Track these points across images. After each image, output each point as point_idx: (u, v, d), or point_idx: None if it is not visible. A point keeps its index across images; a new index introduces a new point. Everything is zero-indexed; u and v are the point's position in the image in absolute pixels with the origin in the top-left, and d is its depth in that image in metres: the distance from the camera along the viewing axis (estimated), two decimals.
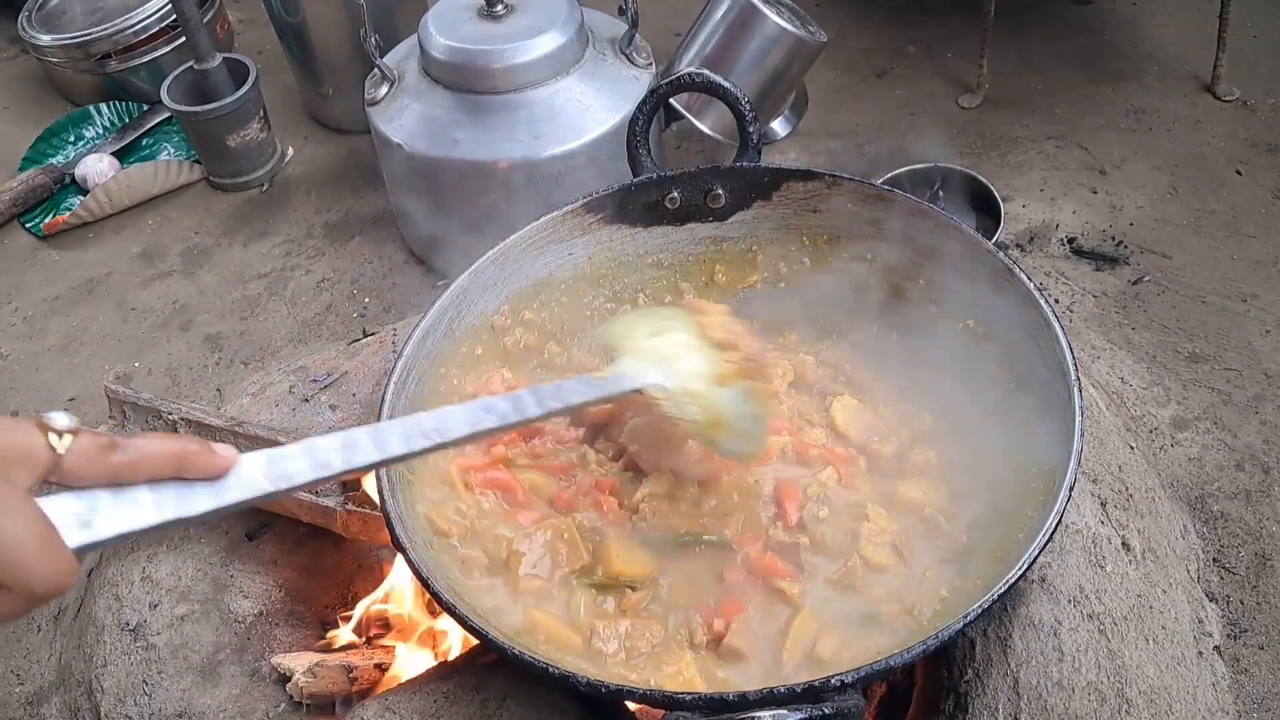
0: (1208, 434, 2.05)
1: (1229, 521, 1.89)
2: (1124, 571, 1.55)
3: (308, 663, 1.62)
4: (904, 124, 2.90)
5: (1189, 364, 2.20)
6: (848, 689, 1.11)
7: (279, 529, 1.82)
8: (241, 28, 3.66)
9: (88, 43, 3.18)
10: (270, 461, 0.91)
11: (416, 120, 2.34)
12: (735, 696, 1.10)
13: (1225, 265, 2.43)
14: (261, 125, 2.95)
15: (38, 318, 2.73)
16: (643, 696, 1.15)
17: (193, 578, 1.75)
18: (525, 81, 2.28)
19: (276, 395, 1.99)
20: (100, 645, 1.72)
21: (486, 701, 1.36)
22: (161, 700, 1.63)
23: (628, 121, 1.73)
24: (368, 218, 2.87)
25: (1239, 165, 2.70)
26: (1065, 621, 1.46)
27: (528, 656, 1.18)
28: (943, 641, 1.14)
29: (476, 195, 2.30)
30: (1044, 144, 2.85)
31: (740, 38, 2.53)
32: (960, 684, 1.46)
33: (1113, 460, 1.74)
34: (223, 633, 1.70)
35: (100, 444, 0.81)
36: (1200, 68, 2.97)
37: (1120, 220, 2.58)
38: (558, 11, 2.32)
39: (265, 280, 2.74)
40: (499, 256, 1.69)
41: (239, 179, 3.01)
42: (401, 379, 1.50)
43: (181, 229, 2.94)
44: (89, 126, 3.24)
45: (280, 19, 2.94)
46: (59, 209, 3.00)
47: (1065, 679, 1.41)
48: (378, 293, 2.65)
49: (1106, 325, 2.31)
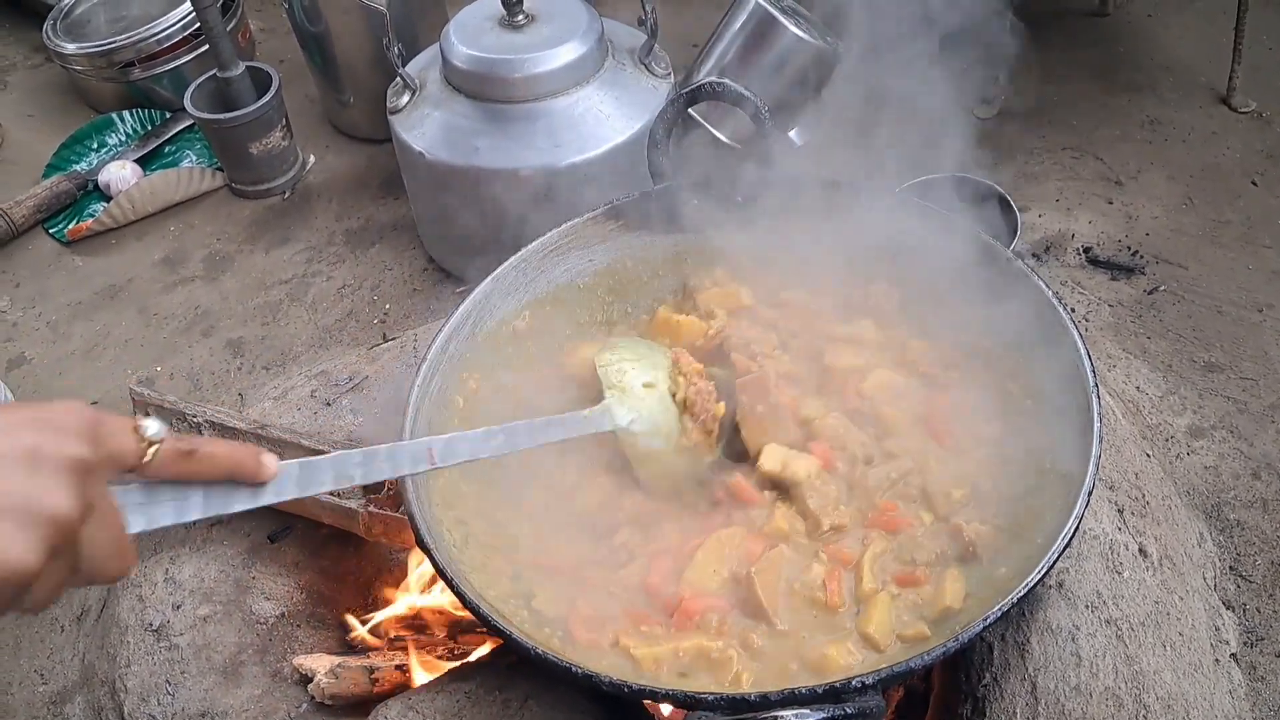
0: (1224, 442, 2.05)
1: (1245, 530, 1.90)
2: (1141, 578, 1.56)
3: (329, 664, 1.63)
4: (920, 134, 2.91)
5: (1205, 373, 2.21)
6: (868, 690, 1.12)
7: (301, 531, 1.83)
8: (263, 36, 3.69)
9: (111, 51, 3.21)
10: (302, 469, 1.03)
11: (438, 129, 2.36)
12: (757, 696, 1.11)
13: (1241, 275, 2.44)
14: (284, 133, 2.98)
15: (61, 322, 2.75)
16: (665, 696, 1.17)
17: (215, 579, 1.77)
18: (546, 91, 2.30)
19: (298, 399, 2.01)
20: (124, 645, 1.74)
21: (509, 702, 1.37)
22: (184, 700, 1.64)
23: (647, 130, 1.75)
24: (388, 225, 2.89)
25: (1255, 176, 2.71)
26: (1083, 626, 1.46)
27: (551, 657, 1.20)
28: (962, 644, 1.15)
29: (496, 202, 2.32)
30: (1060, 154, 2.86)
31: (758, 48, 2.55)
32: (978, 688, 1.47)
33: (1129, 467, 1.75)
34: (245, 634, 1.72)
35: (180, 450, 0.91)
36: (1216, 79, 2.98)
37: (1136, 230, 2.59)
38: (578, 22, 2.34)
39: (286, 286, 2.76)
40: (520, 262, 1.71)
41: (261, 186, 3.03)
42: (425, 381, 1.52)
43: (203, 235, 2.97)
44: (112, 134, 3.26)
45: (302, 28, 2.96)
46: (82, 215, 3.03)
47: (1083, 684, 1.42)
48: (398, 299, 2.67)
49: (1122, 334, 2.31)
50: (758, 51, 2.56)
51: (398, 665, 1.63)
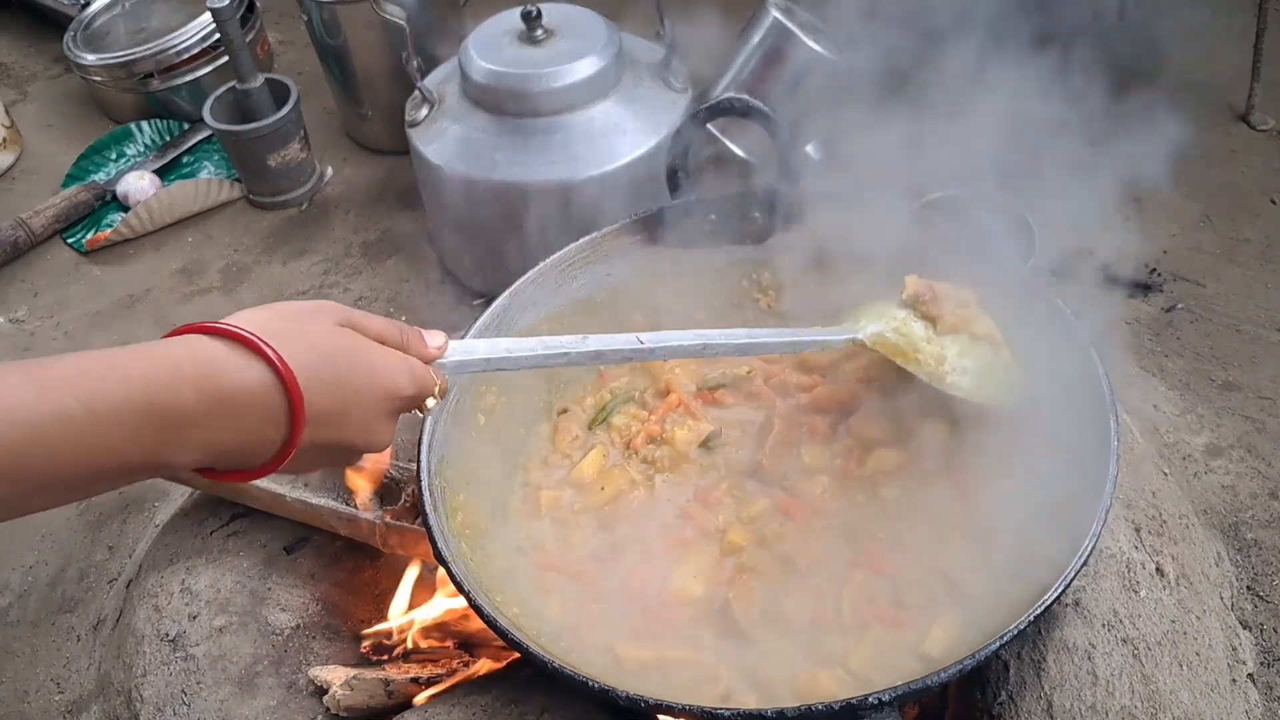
0: (1241, 462, 2.04)
1: (1263, 549, 1.89)
2: (1158, 597, 1.55)
3: (345, 675, 1.63)
4: (938, 150, 2.91)
5: (1222, 392, 2.20)
6: (884, 707, 1.12)
7: (317, 543, 1.84)
8: (281, 49, 3.72)
9: (131, 62, 3.23)
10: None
11: (456, 142, 2.37)
12: (773, 713, 1.11)
13: (1259, 294, 2.43)
14: (302, 145, 2.99)
15: (79, 332, 2.77)
16: (681, 711, 1.17)
17: (231, 590, 1.77)
18: (564, 105, 2.31)
19: None
20: (140, 655, 1.74)
21: (525, 714, 1.38)
22: (200, 710, 1.65)
23: (665, 144, 1.76)
24: (405, 237, 2.90)
25: (1274, 194, 2.70)
26: (1099, 645, 1.46)
27: (567, 670, 1.20)
28: (979, 662, 1.15)
29: (514, 216, 2.33)
30: (1078, 170, 2.85)
31: (776, 63, 2.56)
32: (994, 707, 1.47)
33: (1146, 486, 1.74)
34: (260, 645, 1.72)
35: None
36: (1234, 97, 2.97)
37: (1154, 248, 2.58)
38: (596, 37, 2.35)
39: (304, 298, 2.77)
40: (539, 276, 1.72)
41: (278, 198, 3.05)
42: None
43: (221, 246, 2.98)
44: (130, 144, 3.28)
45: (321, 41, 2.98)
46: (101, 225, 3.05)
47: (1099, 703, 1.41)
48: (415, 311, 2.68)
49: (1140, 352, 2.31)
50: (775, 66, 2.56)
51: (413, 678, 1.64)
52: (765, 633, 1.40)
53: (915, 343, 1.51)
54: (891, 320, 1.53)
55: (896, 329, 1.52)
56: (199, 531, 1.85)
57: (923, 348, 1.51)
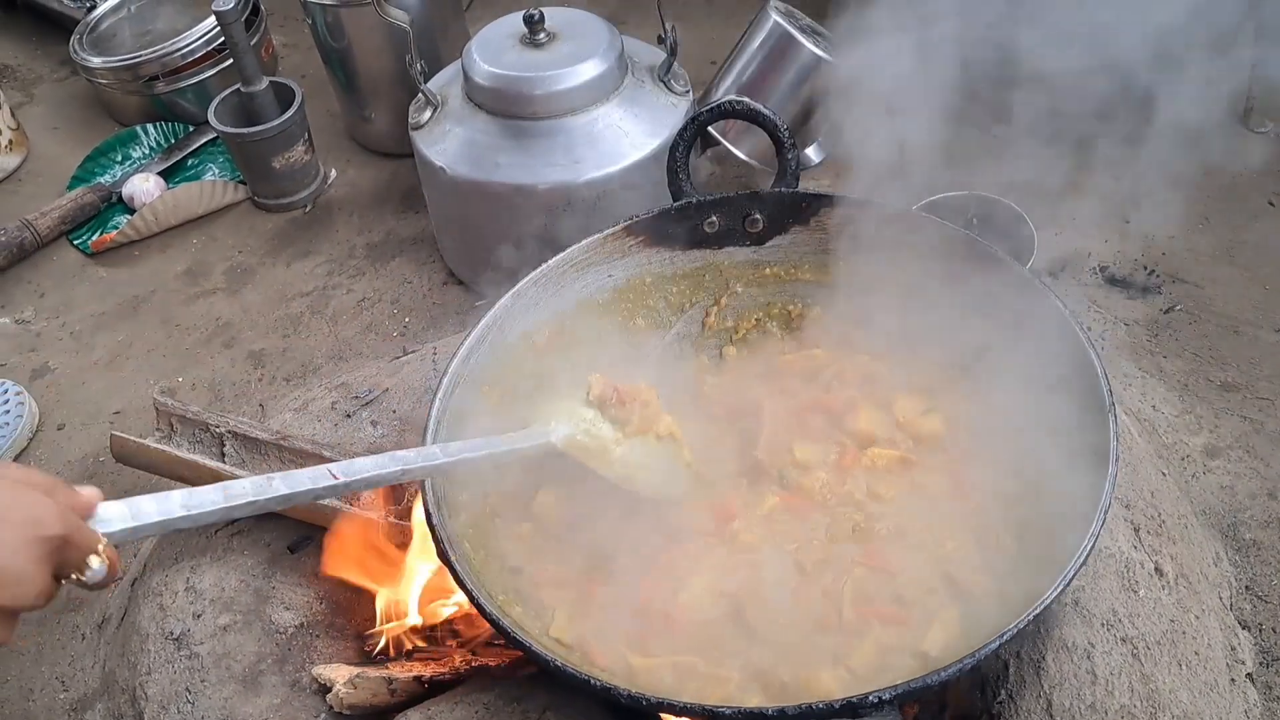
0: (1240, 462, 2.05)
1: (1261, 550, 1.90)
2: (1157, 596, 1.56)
3: (348, 674, 1.64)
4: (938, 151, 2.92)
5: (1221, 393, 2.21)
6: (885, 705, 1.13)
7: (321, 542, 1.85)
8: (285, 52, 3.73)
9: (136, 65, 3.25)
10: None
11: (459, 144, 2.38)
12: (774, 711, 1.12)
13: (1257, 295, 2.44)
14: (306, 148, 3.01)
15: (84, 333, 2.78)
16: (683, 709, 1.18)
17: (235, 588, 1.79)
18: (566, 108, 2.32)
19: (319, 410, 2.03)
20: (144, 654, 1.75)
21: (527, 713, 1.39)
22: (204, 708, 1.66)
23: (666, 147, 1.77)
24: (408, 239, 2.92)
25: (1271, 196, 2.71)
26: (1099, 644, 1.47)
27: (569, 669, 1.21)
28: (979, 660, 1.16)
29: (516, 218, 2.34)
30: (1076, 172, 2.85)
31: (777, 66, 2.57)
32: (993, 705, 1.48)
33: (1145, 486, 1.75)
34: (264, 643, 1.73)
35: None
36: (1233, 99, 2.98)
37: (1152, 249, 2.59)
38: (598, 40, 2.36)
39: (307, 299, 2.79)
40: (541, 277, 1.73)
41: (282, 200, 3.06)
42: (447, 394, 1.54)
43: (225, 248, 2.99)
44: (136, 146, 3.30)
45: (325, 44, 2.99)
46: (106, 227, 3.06)
47: (1098, 702, 1.42)
48: (418, 312, 2.69)
49: (1138, 353, 2.32)
50: (777, 69, 2.58)
51: (416, 676, 1.64)
52: (770, 631, 1.41)
53: (605, 445, 1.55)
54: (581, 421, 1.55)
55: (587, 431, 1.55)
56: (203, 530, 1.86)
57: (612, 450, 1.55)
